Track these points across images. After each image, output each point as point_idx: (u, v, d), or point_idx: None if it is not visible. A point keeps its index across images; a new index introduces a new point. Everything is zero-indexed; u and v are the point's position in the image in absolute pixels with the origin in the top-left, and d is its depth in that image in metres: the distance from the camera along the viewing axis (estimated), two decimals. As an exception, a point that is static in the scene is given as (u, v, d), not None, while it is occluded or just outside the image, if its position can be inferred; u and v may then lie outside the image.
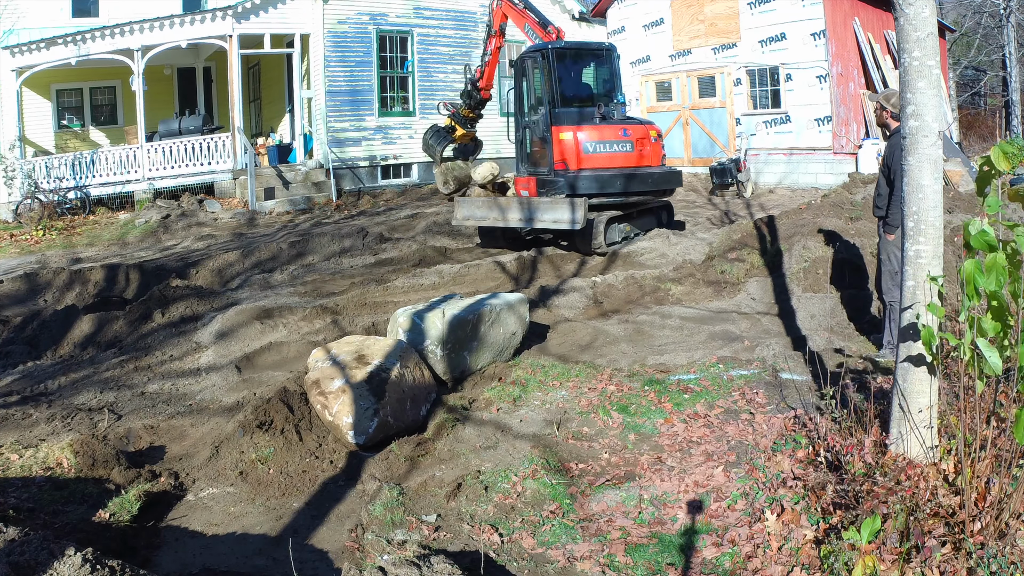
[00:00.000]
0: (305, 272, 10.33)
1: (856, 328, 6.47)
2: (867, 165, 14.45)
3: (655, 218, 11.35)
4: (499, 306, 6.19)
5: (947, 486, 3.27)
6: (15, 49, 15.39)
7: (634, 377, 5.67)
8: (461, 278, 9.06)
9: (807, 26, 15.44)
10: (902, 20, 3.56)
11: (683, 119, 17.65)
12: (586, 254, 10.24)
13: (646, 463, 4.38)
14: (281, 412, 4.84)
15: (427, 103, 17.67)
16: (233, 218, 14.72)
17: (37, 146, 17.12)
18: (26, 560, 2.85)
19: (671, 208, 11.78)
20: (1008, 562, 2.82)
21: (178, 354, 6.84)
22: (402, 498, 4.05)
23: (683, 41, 17.55)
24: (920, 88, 3.51)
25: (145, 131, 16.14)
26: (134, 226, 14.25)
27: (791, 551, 3.28)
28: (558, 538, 3.67)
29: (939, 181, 3.51)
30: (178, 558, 3.68)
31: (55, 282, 9.34)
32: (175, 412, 5.57)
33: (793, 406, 4.78)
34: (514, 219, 10.56)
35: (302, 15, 16.47)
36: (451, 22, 17.61)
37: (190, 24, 15.78)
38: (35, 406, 5.65)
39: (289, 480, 4.38)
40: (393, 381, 5.05)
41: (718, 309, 7.51)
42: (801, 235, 8.46)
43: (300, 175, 16.46)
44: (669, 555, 3.48)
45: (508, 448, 4.57)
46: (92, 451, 4.43)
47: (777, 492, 3.73)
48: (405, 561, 3.11)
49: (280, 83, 18.72)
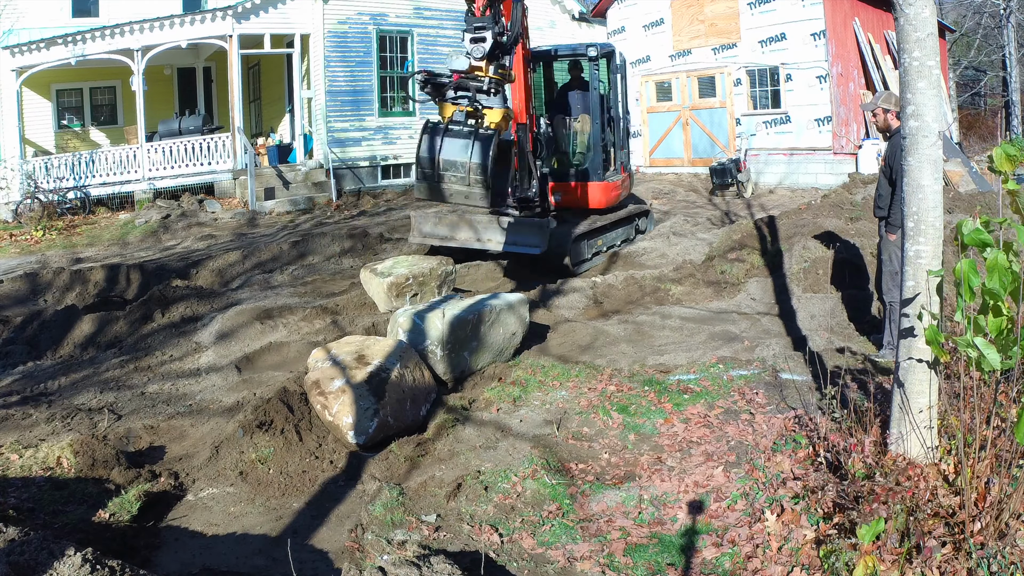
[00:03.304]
0: (306, 272, 10.33)
1: (856, 328, 6.47)
2: (867, 165, 14.44)
3: (632, 227, 10.84)
4: (499, 306, 6.19)
5: (947, 486, 3.27)
6: (15, 49, 15.39)
7: (634, 377, 5.67)
8: (461, 278, 9.05)
9: (807, 26, 15.44)
10: (902, 20, 3.56)
11: (683, 119, 17.65)
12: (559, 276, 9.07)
13: (646, 463, 4.38)
14: (281, 412, 4.84)
15: (427, 103, 17.68)
16: (233, 218, 14.72)
17: (37, 146, 17.12)
18: (26, 560, 2.85)
19: (649, 213, 11.38)
20: (1008, 562, 2.82)
21: (178, 354, 6.83)
22: (402, 498, 4.05)
23: (683, 41, 17.55)
24: (920, 88, 3.51)
25: (145, 131, 16.14)
26: (134, 226, 14.25)
27: (791, 551, 3.28)
28: (558, 538, 3.67)
29: (939, 181, 3.51)
30: (178, 558, 3.68)
31: (55, 282, 9.34)
32: (175, 412, 5.57)
33: (793, 406, 4.78)
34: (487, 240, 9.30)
35: (302, 15, 16.47)
36: (451, 22, 17.60)
37: (190, 24, 15.77)
38: (35, 406, 5.65)
39: (289, 480, 4.38)
40: (393, 381, 5.05)
41: (718, 309, 7.51)
42: (801, 235, 8.46)
43: (300, 175, 16.46)
44: (669, 555, 3.48)
45: (508, 448, 4.57)
46: (92, 451, 4.43)
47: (777, 492, 3.73)
48: (405, 561, 3.11)
49: (280, 83, 18.72)
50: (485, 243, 9.34)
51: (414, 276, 7.71)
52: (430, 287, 7.80)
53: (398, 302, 7.52)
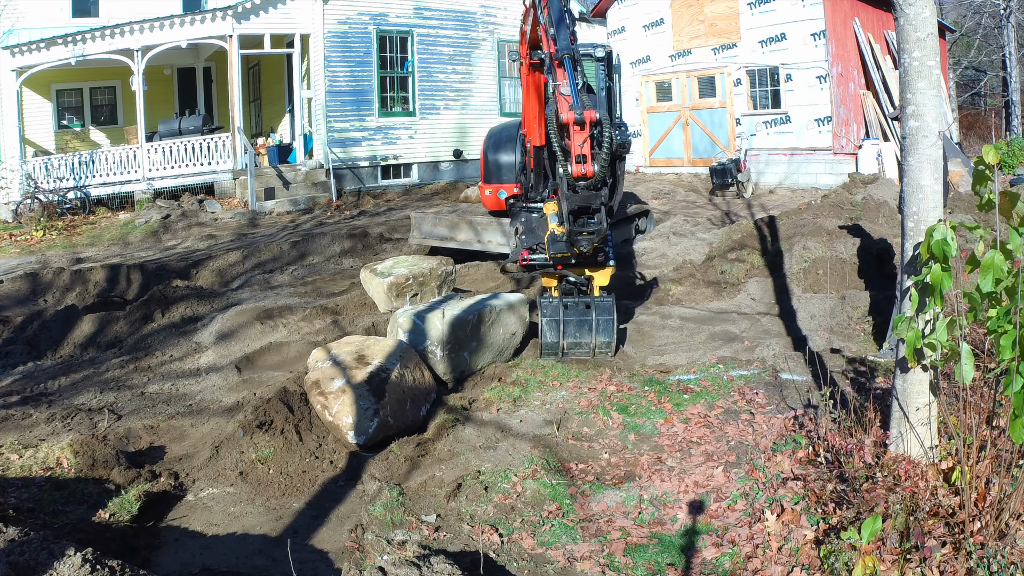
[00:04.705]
0: (306, 272, 10.33)
1: (856, 328, 6.47)
2: (867, 165, 14.44)
3: (632, 227, 10.80)
4: (499, 306, 6.19)
5: (947, 486, 3.27)
6: (15, 49, 15.38)
7: (634, 377, 5.67)
8: (461, 278, 9.05)
9: (807, 26, 15.43)
10: (902, 20, 3.57)
11: (683, 119, 17.65)
12: None
13: (646, 463, 4.37)
14: (281, 412, 4.84)
15: (427, 103, 17.68)
16: (233, 218, 14.71)
17: (37, 146, 17.12)
18: (26, 560, 2.85)
19: (649, 213, 11.33)
20: (1008, 562, 2.82)
21: (178, 354, 6.83)
22: (402, 498, 4.05)
23: (683, 41, 17.54)
24: (920, 88, 3.52)
25: (145, 131, 16.14)
26: (135, 226, 14.24)
27: (791, 551, 3.28)
28: (558, 538, 3.67)
29: (939, 181, 3.51)
30: (178, 558, 3.68)
31: (56, 282, 9.34)
32: (175, 412, 5.57)
33: (793, 406, 4.78)
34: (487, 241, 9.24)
35: (302, 15, 16.47)
36: (451, 22, 17.62)
37: (190, 24, 15.77)
38: (35, 406, 5.65)
39: (289, 480, 4.38)
40: (393, 381, 5.05)
41: (718, 309, 7.51)
42: (801, 235, 8.46)
43: (300, 175, 16.46)
44: (669, 555, 3.48)
45: (508, 448, 4.57)
46: (92, 451, 4.43)
47: (777, 492, 3.73)
48: (405, 561, 3.12)
49: (280, 83, 18.71)
50: (485, 243, 9.34)
51: (414, 276, 7.71)
52: (430, 287, 7.80)
53: (398, 302, 7.52)
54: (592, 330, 6.06)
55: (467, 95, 18.10)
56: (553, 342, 6.08)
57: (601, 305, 6.11)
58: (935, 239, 3.04)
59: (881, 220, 8.85)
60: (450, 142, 18.02)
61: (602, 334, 6.07)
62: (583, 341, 6.10)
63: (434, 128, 17.86)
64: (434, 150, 17.92)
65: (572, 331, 6.07)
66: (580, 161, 5.04)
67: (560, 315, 6.06)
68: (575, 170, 5.06)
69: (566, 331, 6.06)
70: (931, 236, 3.07)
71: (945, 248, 2.99)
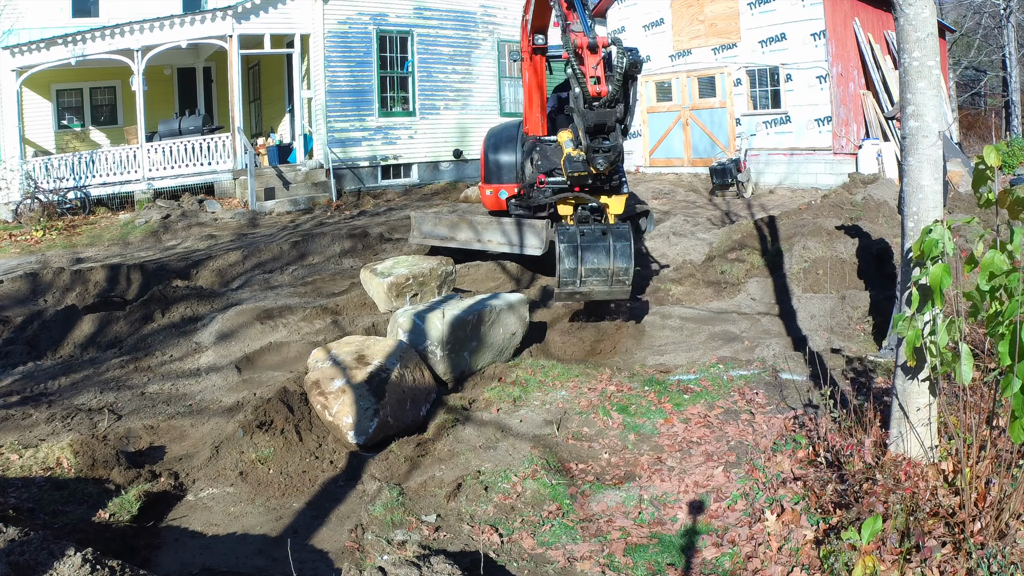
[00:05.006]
0: (306, 272, 10.32)
1: (856, 328, 6.47)
2: (867, 165, 14.44)
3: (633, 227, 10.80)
4: (499, 307, 6.19)
5: (947, 486, 3.27)
6: (15, 49, 15.38)
7: (634, 377, 5.67)
8: (461, 278, 9.05)
9: (807, 26, 15.43)
10: (902, 20, 3.57)
11: (683, 119, 17.65)
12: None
13: (646, 463, 4.38)
14: (281, 412, 4.84)
15: (427, 103, 17.69)
16: (233, 218, 14.71)
17: (37, 146, 17.12)
18: (26, 560, 2.85)
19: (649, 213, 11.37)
20: (1008, 562, 2.82)
21: (179, 354, 6.83)
22: (402, 498, 4.05)
23: (683, 41, 17.55)
24: (920, 88, 3.52)
25: (145, 131, 16.14)
26: (135, 226, 14.24)
27: (791, 551, 3.28)
28: (558, 538, 3.67)
29: (939, 181, 3.51)
30: (178, 558, 3.68)
31: (56, 282, 9.34)
32: (175, 412, 5.57)
33: (793, 406, 4.78)
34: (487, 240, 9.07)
35: (302, 15, 16.47)
36: (451, 22, 17.62)
37: (190, 24, 15.77)
38: (35, 406, 5.65)
39: (289, 480, 4.38)
40: (393, 381, 5.05)
41: (718, 309, 7.51)
42: (801, 235, 8.46)
43: (300, 175, 16.46)
44: (669, 555, 3.48)
45: (508, 448, 4.57)
46: (92, 451, 4.43)
47: (777, 492, 3.73)
48: (405, 561, 3.12)
49: (280, 83, 18.72)
50: (485, 243, 9.32)
51: (414, 276, 7.71)
52: (430, 287, 7.80)
53: (398, 302, 7.52)
54: (610, 255, 6.06)
55: (467, 95, 18.09)
56: (572, 267, 6.05)
57: (617, 231, 6.14)
58: (929, 238, 3.03)
59: (881, 220, 8.86)
60: (450, 142, 18.02)
61: (619, 259, 6.07)
62: (601, 267, 6.09)
63: (434, 128, 17.85)
64: (434, 150, 17.91)
65: (590, 257, 6.07)
66: (595, 82, 5.43)
67: (578, 240, 6.08)
68: (591, 89, 5.42)
69: (584, 257, 6.05)
70: (926, 235, 3.06)
71: (936, 248, 2.97)
